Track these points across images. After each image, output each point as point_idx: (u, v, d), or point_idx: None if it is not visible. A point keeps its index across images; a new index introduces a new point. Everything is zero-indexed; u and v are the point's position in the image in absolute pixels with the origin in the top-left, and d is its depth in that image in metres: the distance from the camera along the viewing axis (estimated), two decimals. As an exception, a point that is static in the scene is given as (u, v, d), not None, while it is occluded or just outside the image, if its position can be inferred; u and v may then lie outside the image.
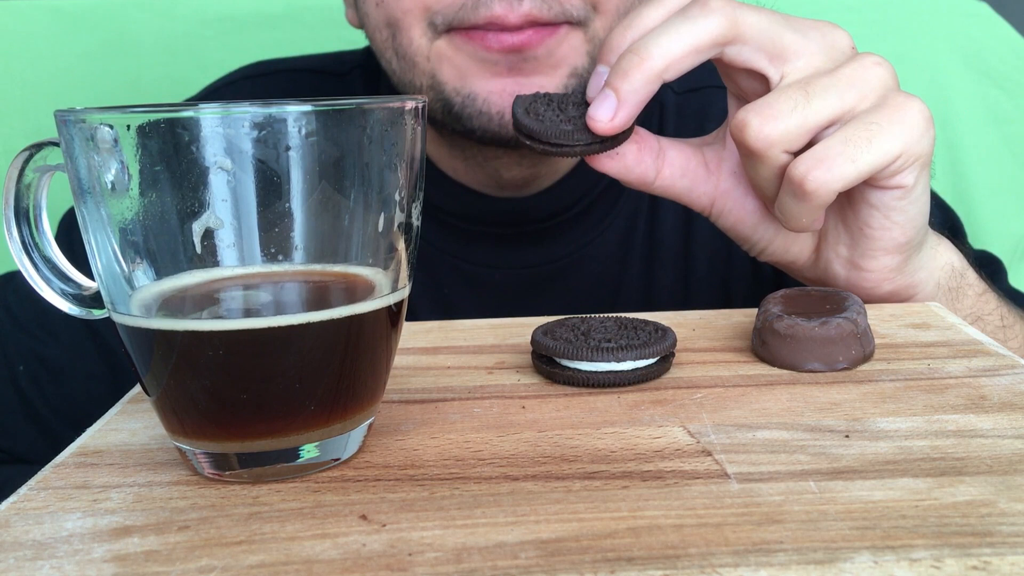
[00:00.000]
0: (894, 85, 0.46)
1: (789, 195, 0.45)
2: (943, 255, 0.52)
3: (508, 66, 0.57)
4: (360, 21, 0.64)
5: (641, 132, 0.49)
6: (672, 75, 0.45)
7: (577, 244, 0.70)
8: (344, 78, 0.74)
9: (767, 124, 0.44)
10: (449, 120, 0.60)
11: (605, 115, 0.44)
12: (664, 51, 0.44)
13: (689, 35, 0.44)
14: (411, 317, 0.37)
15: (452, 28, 0.57)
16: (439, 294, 0.69)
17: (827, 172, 0.43)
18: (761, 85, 0.47)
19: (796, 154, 0.45)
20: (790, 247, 0.52)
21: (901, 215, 0.47)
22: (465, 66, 0.58)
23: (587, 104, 0.45)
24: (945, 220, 0.71)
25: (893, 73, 0.46)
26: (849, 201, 0.48)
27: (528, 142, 0.45)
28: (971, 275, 0.53)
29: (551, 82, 0.58)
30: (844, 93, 0.44)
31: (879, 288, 0.50)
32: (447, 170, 0.68)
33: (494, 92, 0.58)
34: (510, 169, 0.65)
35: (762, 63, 0.46)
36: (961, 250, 0.54)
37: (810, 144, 0.45)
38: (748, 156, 0.46)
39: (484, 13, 0.55)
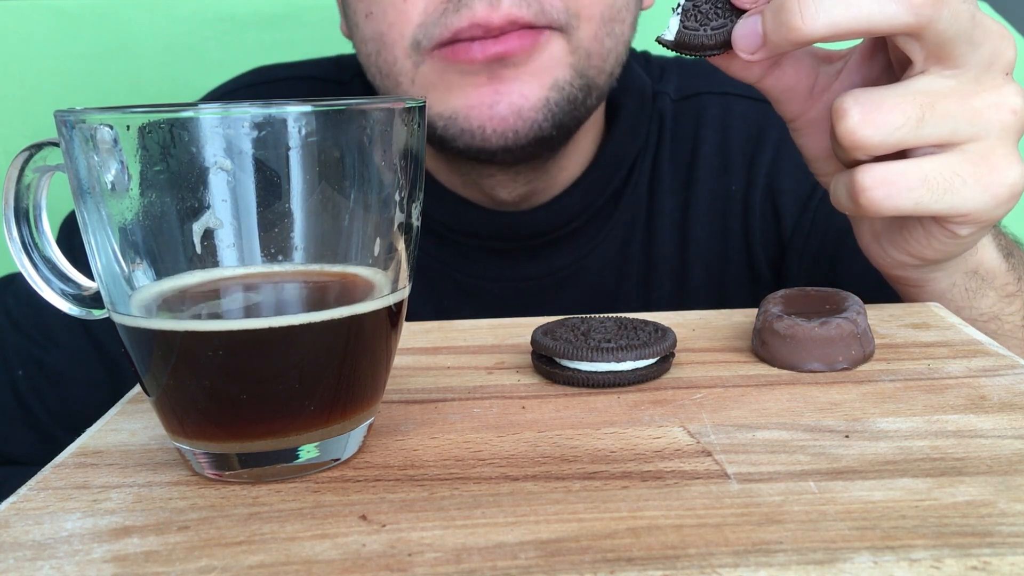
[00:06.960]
0: (1015, 137, 0.43)
1: (843, 187, 0.43)
2: (971, 260, 0.50)
3: (489, 74, 0.57)
4: (350, 32, 0.64)
5: None
6: (828, 41, 0.41)
7: (575, 256, 0.70)
8: (346, 86, 0.74)
9: (865, 127, 0.41)
10: (434, 142, 0.61)
11: (747, 49, 0.42)
12: (833, 20, 0.39)
13: (871, 14, 0.39)
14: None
15: (437, 44, 0.56)
16: (438, 306, 0.69)
17: (886, 199, 0.42)
18: (902, 54, 0.43)
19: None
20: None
21: (940, 245, 0.46)
22: (449, 87, 0.57)
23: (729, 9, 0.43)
24: None
25: (1022, 123, 0.43)
26: None
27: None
28: (1002, 278, 0.52)
29: (532, 92, 0.57)
30: (960, 128, 0.42)
31: (890, 270, 0.50)
32: (446, 184, 0.68)
33: (473, 107, 0.58)
34: (505, 186, 0.65)
35: (918, 57, 0.42)
36: (1006, 250, 0.52)
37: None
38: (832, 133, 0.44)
39: (466, 14, 0.54)
